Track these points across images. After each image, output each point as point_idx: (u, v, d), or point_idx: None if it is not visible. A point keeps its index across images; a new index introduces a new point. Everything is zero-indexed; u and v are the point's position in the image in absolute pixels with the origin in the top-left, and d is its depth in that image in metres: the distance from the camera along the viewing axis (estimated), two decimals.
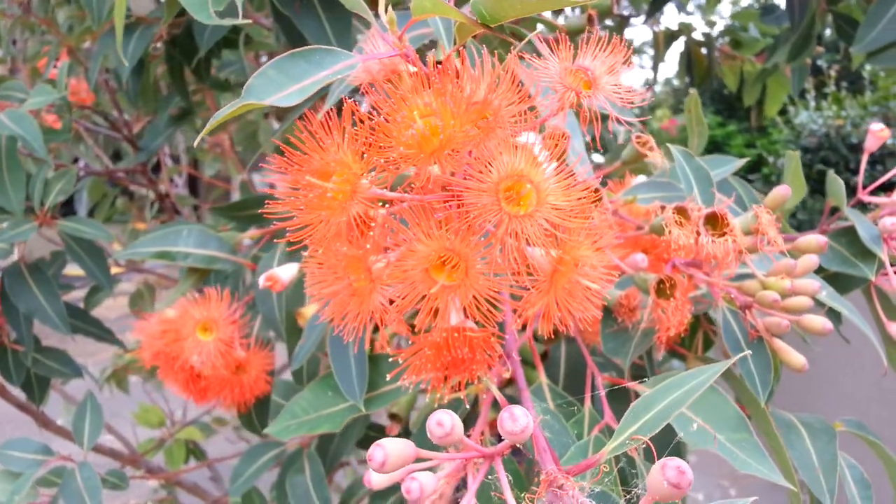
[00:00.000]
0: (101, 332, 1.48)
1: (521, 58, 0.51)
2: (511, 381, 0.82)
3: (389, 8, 0.50)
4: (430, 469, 0.52)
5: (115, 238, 1.26)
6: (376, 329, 0.88)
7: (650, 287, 0.63)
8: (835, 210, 0.91)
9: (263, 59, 1.74)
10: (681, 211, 0.61)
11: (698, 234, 0.59)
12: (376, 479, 0.58)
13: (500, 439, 0.58)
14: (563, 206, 0.45)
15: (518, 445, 0.49)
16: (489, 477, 0.49)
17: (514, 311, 0.48)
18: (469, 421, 0.79)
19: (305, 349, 0.74)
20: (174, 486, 2.24)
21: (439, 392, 0.51)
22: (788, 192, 0.68)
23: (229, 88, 1.56)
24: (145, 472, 1.83)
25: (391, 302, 0.48)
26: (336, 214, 0.46)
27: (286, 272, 0.70)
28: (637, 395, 0.76)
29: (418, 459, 0.47)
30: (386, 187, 0.46)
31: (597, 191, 0.51)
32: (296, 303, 0.90)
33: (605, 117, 0.54)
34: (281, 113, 2.65)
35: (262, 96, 0.45)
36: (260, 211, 0.54)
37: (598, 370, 0.70)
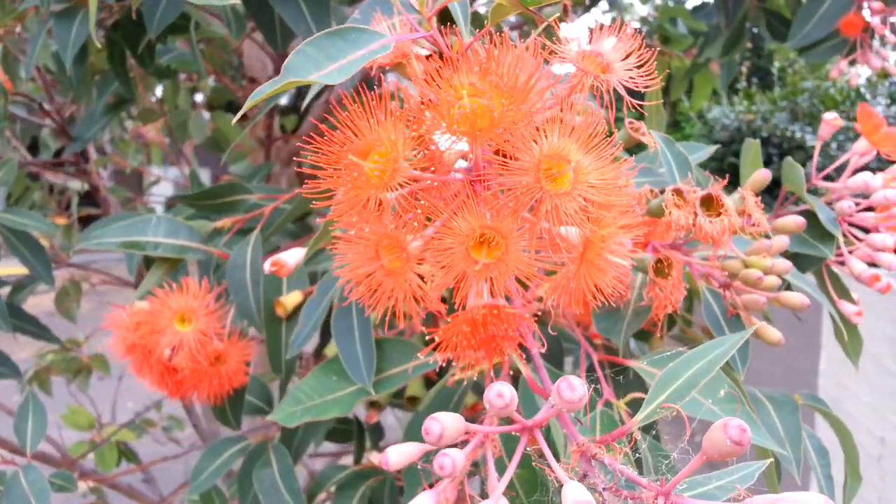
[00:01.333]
0: (38, 330, 1.42)
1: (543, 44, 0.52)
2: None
3: None
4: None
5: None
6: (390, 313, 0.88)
7: (649, 266, 0.65)
8: (787, 195, 0.96)
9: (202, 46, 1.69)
10: (677, 193, 0.64)
11: (695, 214, 0.62)
12: (394, 459, 0.59)
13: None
14: (598, 185, 0.46)
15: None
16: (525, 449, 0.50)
17: (548, 286, 0.49)
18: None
19: (304, 334, 0.73)
20: (101, 490, 2.16)
21: (469, 368, 0.52)
22: (768, 175, 0.72)
23: (171, 75, 1.52)
24: (79, 476, 1.76)
25: (425, 279, 0.48)
26: (377, 194, 0.46)
27: (292, 257, 0.69)
28: (609, 372, 0.79)
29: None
30: (425, 168, 0.47)
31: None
32: (273, 292, 0.89)
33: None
34: (212, 104, 2.58)
35: (303, 74, 0.45)
36: (298, 191, 0.53)
37: (590, 349, 0.72)
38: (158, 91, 2.12)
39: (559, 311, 0.51)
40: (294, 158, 1.84)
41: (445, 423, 0.43)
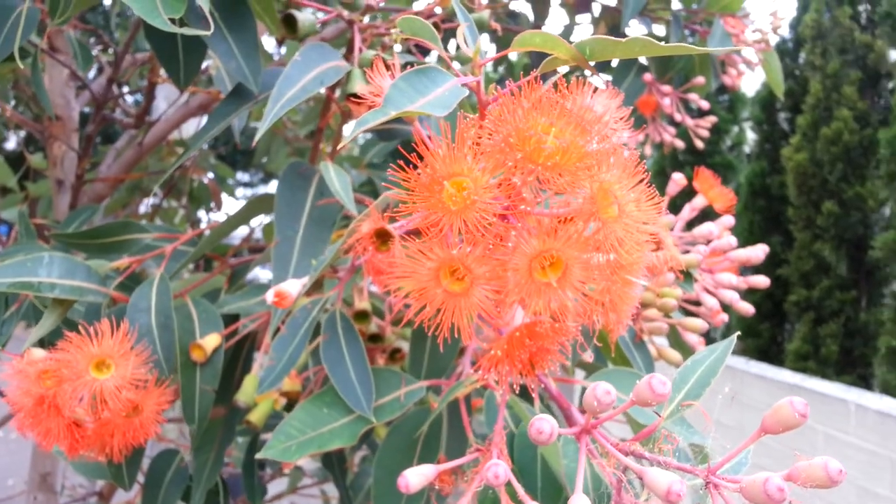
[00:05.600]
0: None
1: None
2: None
3: (479, 39, 0.55)
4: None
5: None
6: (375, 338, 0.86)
7: None
8: None
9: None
10: None
11: None
12: (414, 482, 0.61)
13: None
14: (636, 216, 0.54)
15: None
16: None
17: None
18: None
19: (276, 371, 0.70)
20: None
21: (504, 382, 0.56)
22: (675, 219, 0.85)
23: None
24: None
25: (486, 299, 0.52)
26: (453, 219, 0.50)
27: (294, 287, 0.66)
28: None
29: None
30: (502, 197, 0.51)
31: None
32: (186, 335, 0.84)
33: None
34: None
35: (400, 105, 0.48)
36: (391, 214, 0.54)
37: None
38: None
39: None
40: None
41: (553, 424, 0.47)
